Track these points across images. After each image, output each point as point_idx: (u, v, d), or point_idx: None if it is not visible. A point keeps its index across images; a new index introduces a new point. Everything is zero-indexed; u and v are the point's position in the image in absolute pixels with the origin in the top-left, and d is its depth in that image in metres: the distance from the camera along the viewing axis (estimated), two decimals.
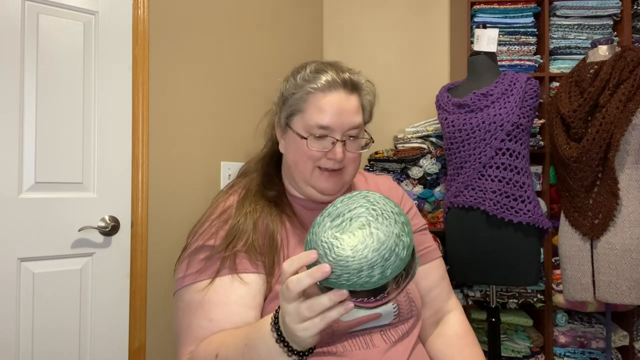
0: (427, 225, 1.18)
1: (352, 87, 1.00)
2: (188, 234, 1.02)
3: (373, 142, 1.08)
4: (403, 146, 2.52)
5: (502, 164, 1.93)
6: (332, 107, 0.97)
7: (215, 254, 0.91)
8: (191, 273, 0.91)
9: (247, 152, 2.28)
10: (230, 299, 0.87)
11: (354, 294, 0.68)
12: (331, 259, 0.67)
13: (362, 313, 0.92)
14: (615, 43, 1.97)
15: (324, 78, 0.98)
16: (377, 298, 0.70)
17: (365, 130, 1.05)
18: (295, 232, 1.00)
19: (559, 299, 2.27)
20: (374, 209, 0.71)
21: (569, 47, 2.44)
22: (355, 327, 0.92)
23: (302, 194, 1.06)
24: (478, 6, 2.46)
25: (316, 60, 1.07)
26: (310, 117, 0.98)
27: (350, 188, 1.12)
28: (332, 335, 0.90)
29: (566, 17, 2.44)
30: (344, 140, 0.98)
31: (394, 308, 0.97)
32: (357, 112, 1.00)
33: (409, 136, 2.53)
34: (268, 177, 1.08)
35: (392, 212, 0.71)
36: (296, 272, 0.68)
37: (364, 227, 0.69)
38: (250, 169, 1.13)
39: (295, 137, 1.00)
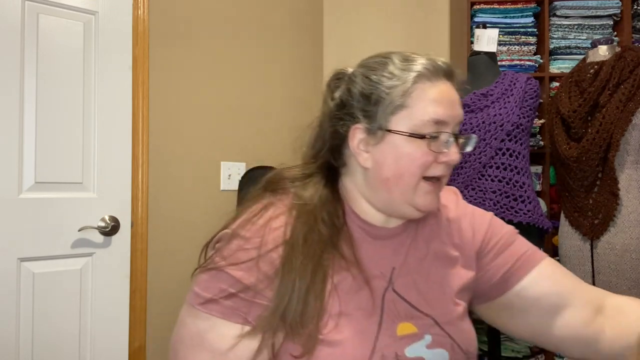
0: (515, 230, 0.94)
1: (452, 75, 0.81)
2: (213, 237, 0.84)
3: (474, 135, 0.86)
4: None
5: (502, 164, 1.93)
6: (443, 97, 0.78)
7: (242, 294, 0.74)
8: (213, 301, 0.75)
9: (247, 152, 2.29)
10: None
11: None
12: None
13: None
14: (615, 43, 1.97)
15: (425, 63, 0.79)
16: None
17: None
18: (349, 276, 0.79)
19: None
20: None
21: (569, 47, 2.43)
22: None
23: (389, 214, 0.84)
24: (478, 6, 2.46)
25: (386, 52, 0.86)
26: (420, 112, 0.77)
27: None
28: None
29: (566, 17, 2.44)
30: (457, 138, 0.79)
31: None
32: (460, 105, 0.82)
33: None
34: (329, 205, 0.83)
35: None
36: None
37: None
38: (290, 182, 0.87)
39: (400, 141, 0.77)
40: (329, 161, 0.87)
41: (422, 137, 0.76)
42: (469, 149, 0.82)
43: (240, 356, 0.74)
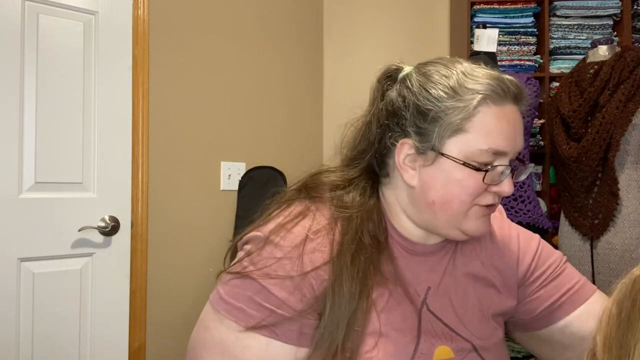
0: (563, 256, 0.90)
1: (520, 97, 0.74)
2: (242, 237, 0.78)
3: (530, 164, 0.80)
4: None
5: None
6: (507, 126, 0.71)
7: (274, 307, 0.70)
8: (241, 309, 0.71)
9: (247, 152, 2.29)
10: None
11: None
12: None
13: None
14: (615, 43, 1.97)
15: (492, 85, 0.71)
16: None
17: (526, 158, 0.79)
18: (387, 293, 0.76)
19: None
20: None
21: (569, 47, 2.44)
22: None
23: (432, 233, 0.79)
24: (478, 6, 2.46)
25: (445, 57, 0.78)
26: (479, 140, 0.70)
27: None
28: None
29: (566, 17, 2.44)
30: (513, 169, 0.73)
31: None
32: (522, 132, 0.75)
33: None
34: (370, 214, 0.77)
35: None
36: None
37: None
38: (328, 188, 0.80)
39: (451, 167, 0.71)
40: (372, 166, 0.80)
41: (477, 169, 0.71)
42: (522, 178, 0.77)
43: None
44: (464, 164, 0.71)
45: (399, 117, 0.75)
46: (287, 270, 0.71)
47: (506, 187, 0.72)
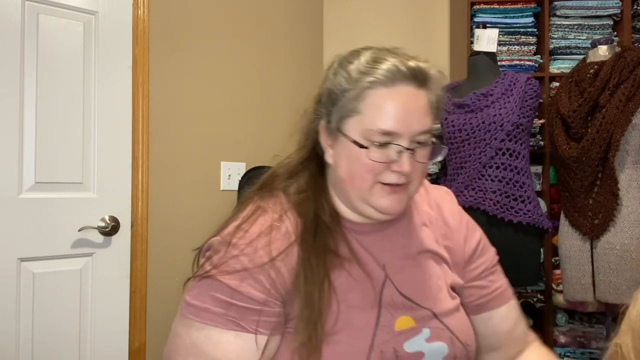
0: (496, 255, 1.00)
1: (422, 79, 0.78)
2: (204, 245, 0.82)
3: (444, 146, 0.84)
4: None
5: (502, 164, 1.93)
6: (397, 107, 0.75)
7: (237, 302, 0.73)
8: (206, 310, 0.74)
9: (247, 152, 2.29)
10: None
11: None
12: None
13: None
14: (615, 43, 1.97)
15: (386, 68, 0.76)
16: None
17: (434, 135, 0.82)
18: (346, 274, 0.79)
19: (559, 299, 2.27)
20: None
21: (569, 47, 2.43)
22: None
23: (356, 212, 0.83)
24: (478, 6, 2.46)
25: (370, 46, 0.86)
26: (369, 121, 0.75)
27: (409, 205, 0.90)
28: None
29: (566, 17, 2.44)
30: (412, 149, 0.76)
31: None
32: (427, 113, 0.78)
33: None
34: (319, 195, 0.83)
35: None
36: None
37: None
38: (285, 183, 0.86)
39: (350, 145, 0.77)
40: (315, 150, 0.86)
41: (364, 147, 0.75)
42: (438, 159, 0.82)
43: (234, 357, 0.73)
44: (353, 141, 0.76)
45: (320, 102, 0.84)
46: (245, 264, 0.74)
47: (404, 166, 0.75)
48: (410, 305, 0.81)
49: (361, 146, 0.76)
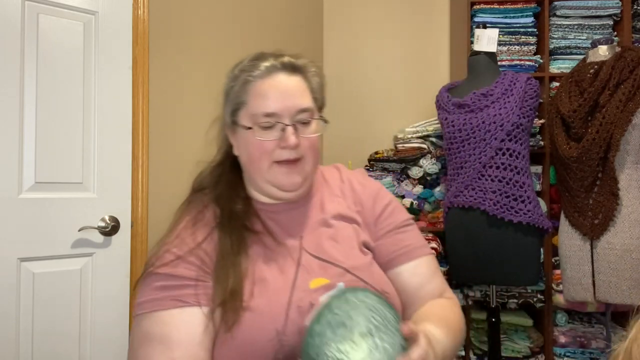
0: (411, 220, 1.04)
1: (293, 68, 0.93)
2: (149, 255, 0.92)
3: (327, 122, 0.97)
4: (403, 146, 2.52)
5: (502, 164, 1.93)
6: (274, 92, 0.89)
7: (173, 283, 0.83)
8: (150, 300, 0.83)
9: None
10: (194, 339, 0.80)
11: None
12: None
13: None
14: (615, 43, 1.97)
15: (262, 64, 0.91)
16: None
17: (321, 116, 0.96)
18: (262, 247, 0.91)
19: (559, 299, 2.27)
20: (374, 317, 0.68)
21: (569, 47, 2.44)
22: None
23: (266, 195, 0.95)
24: (478, 6, 2.46)
25: (255, 52, 0.99)
26: (254, 107, 0.89)
27: (322, 184, 1.02)
28: None
29: (566, 17, 2.44)
30: (295, 125, 0.89)
31: None
32: (304, 94, 0.92)
33: (409, 136, 2.53)
34: (229, 187, 0.96)
35: (393, 319, 0.69)
36: None
37: (366, 336, 0.66)
38: (207, 182, 0.99)
39: (244, 132, 0.91)
40: (230, 146, 0.98)
41: (249, 128, 0.89)
42: (309, 130, 0.91)
43: (189, 333, 0.80)
44: (244, 127, 0.90)
45: (221, 106, 0.98)
46: (176, 253, 0.86)
47: (289, 140, 0.87)
48: (324, 265, 0.89)
49: (250, 128, 0.89)
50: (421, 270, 0.98)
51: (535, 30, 2.47)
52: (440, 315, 0.90)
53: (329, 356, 0.65)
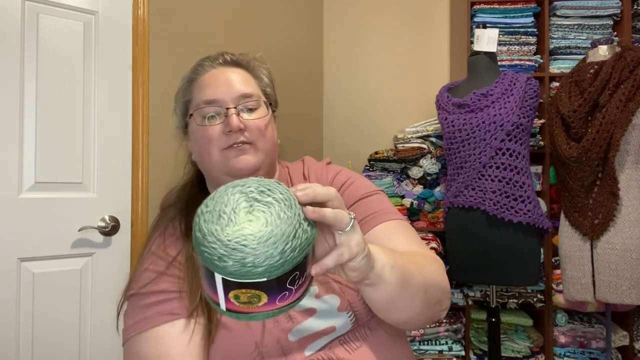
0: (376, 191, 0.96)
1: (234, 63, 0.93)
2: (129, 279, 0.91)
3: (276, 106, 0.96)
4: (403, 146, 2.52)
5: (502, 164, 1.93)
6: (215, 81, 0.89)
7: (159, 298, 0.81)
8: (139, 320, 0.80)
9: None
10: (192, 351, 0.78)
11: (266, 288, 0.55)
12: (231, 248, 0.53)
13: (306, 325, 0.81)
14: (615, 43, 1.97)
15: (204, 63, 0.93)
16: (298, 285, 0.58)
17: (269, 103, 0.93)
18: None
19: (559, 299, 2.27)
20: (253, 190, 0.58)
21: (569, 47, 2.43)
22: (312, 348, 0.81)
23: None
24: (478, 6, 2.46)
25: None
26: (197, 98, 0.90)
27: (288, 184, 0.94)
28: None
29: (566, 17, 2.44)
30: (236, 107, 0.87)
31: (349, 315, 0.84)
32: (247, 83, 0.91)
33: (409, 136, 2.53)
34: (193, 200, 0.92)
35: (284, 190, 0.59)
36: None
37: (254, 209, 0.57)
38: (172, 201, 0.97)
39: (193, 127, 0.90)
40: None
41: (190, 116, 0.90)
42: (255, 114, 0.89)
43: (185, 346, 0.78)
44: (190, 116, 0.90)
45: (174, 108, 0.98)
46: (154, 269, 0.84)
47: (232, 122, 0.85)
48: None
49: (191, 116, 0.90)
50: (383, 234, 0.88)
51: (535, 30, 2.47)
52: (392, 248, 0.77)
53: (227, 244, 0.53)
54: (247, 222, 0.55)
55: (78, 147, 1.70)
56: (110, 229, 1.72)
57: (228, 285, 0.55)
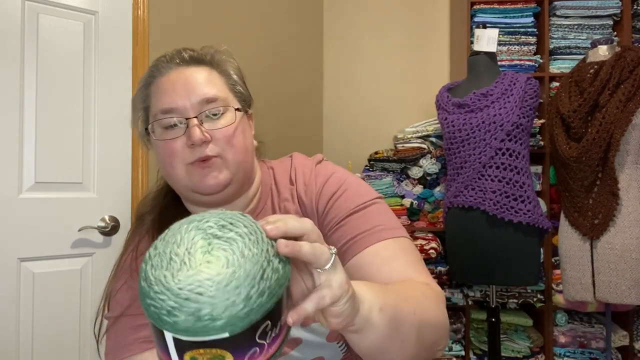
0: (370, 202, 0.82)
1: (195, 60, 0.83)
2: (105, 297, 0.85)
3: (250, 104, 0.85)
4: (403, 146, 2.52)
5: (502, 164, 1.93)
6: (171, 85, 0.77)
7: (140, 322, 0.75)
8: (121, 346, 0.75)
9: None
10: None
11: (230, 346, 0.44)
12: (179, 295, 0.43)
13: None
14: (615, 43, 1.97)
15: (161, 63, 0.81)
16: (271, 338, 0.46)
17: (238, 108, 0.83)
18: None
19: (559, 299, 2.27)
20: (213, 225, 0.48)
21: (569, 47, 2.43)
22: None
23: (196, 204, 0.82)
24: (478, 6, 2.46)
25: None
26: (154, 107, 0.78)
27: (271, 188, 0.88)
28: None
29: (566, 17, 2.44)
30: (198, 117, 0.76)
31: (340, 345, 0.77)
32: (209, 83, 0.79)
33: (409, 136, 2.53)
34: (167, 211, 0.85)
35: (249, 223, 0.49)
36: None
37: (214, 248, 0.46)
38: (146, 210, 0.88)
39: (154, 141, 0.79)
40: None
41: (147, 131, 0.78)
42: (222, 122, 0.78)
43: None
44: (147, 130, 0.78)
45: (132, 113, 0.85)
46: (134, 289, 0.77)
47: (193, 136, 0.74)
48: None
49: (152, 131, 0.77)
50: (380, 254, 0.75)
51: (535, 30, 2.47)
52: (383, 284, 0.69)
53: (178, 294, 0.42)
54: (205, 263, 0.45)
55: (78, 147, 1.70)
56: (110, 229, 1.72)
57: (182, 346, 0.44)
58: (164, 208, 0.85)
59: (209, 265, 0.44)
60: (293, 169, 0.89)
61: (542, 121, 2.37)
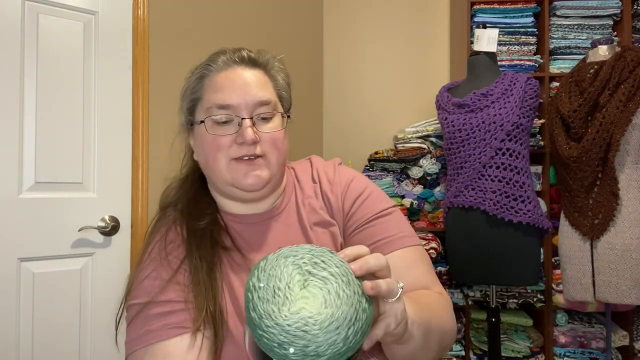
0: (392, 209, 0.91)
1: (252, 62, 0.87)
2: (129, 285, 0.86)
3: (290, 118, 0.89)
4: (403, 146, 2.52)
5: (502, 164, 1.93)
6: (230, 83, 0.82)
7: (166, 309, 0.77)
8: (144, 333, 0.76)
9: None
10: None
11: None
12: (293, 334, 0.51)
13: None
14: (615, 43, 1.97)
15: (219, 59, 0.86)
16: None
17: (286, 113, 0.88)
18: (234, 265, 0.83)
19: (559, 299, 2.27)
20: (306, 261, 0.56)
21: (569, 47, 2.44)
22: None
23: (230, 198, 0.87)
24: (478, 6, 2.46)
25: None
26: (208, 100, 0.82)
27: (294, 186, 0.93)
28: None
29: (566, 17, 2.44)
30: (252, 118, 0.81)
31: None
32: (264, 87, 0.84)
33: (409, 136, 2.53)
34: (195, 202, 0.88)
35: (337, 260, 0.57)
36: None
37: (309, 284, 0.54)
38: (171, 200, 0.91)
39: (200, 130, 0.83)
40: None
41: (202, 122, 0.82)
42: (270, 126, 0.83)
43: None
44: (200, 122, 0.82)
45: (180, 111, 0.91)
46: (161, 277, 0.79)
47: (246, 135, 0.79)
48: None
49: (202, 122, 0.82)
50: (399, 264, 0.83)
51: (535, 30, 2.47)
52: (415, 296, 0.76)
53: (287, 330, 0.51)
54: (303, 299, 0.53)
55: (78, 147, 1.70)
56: (110, 229, 1.72)
57: None
58: (191, 198, 0.88)
59: (306, 302, 0.53)
60: (314, 169, 0.96)
61: (542, 121, 2.37)
